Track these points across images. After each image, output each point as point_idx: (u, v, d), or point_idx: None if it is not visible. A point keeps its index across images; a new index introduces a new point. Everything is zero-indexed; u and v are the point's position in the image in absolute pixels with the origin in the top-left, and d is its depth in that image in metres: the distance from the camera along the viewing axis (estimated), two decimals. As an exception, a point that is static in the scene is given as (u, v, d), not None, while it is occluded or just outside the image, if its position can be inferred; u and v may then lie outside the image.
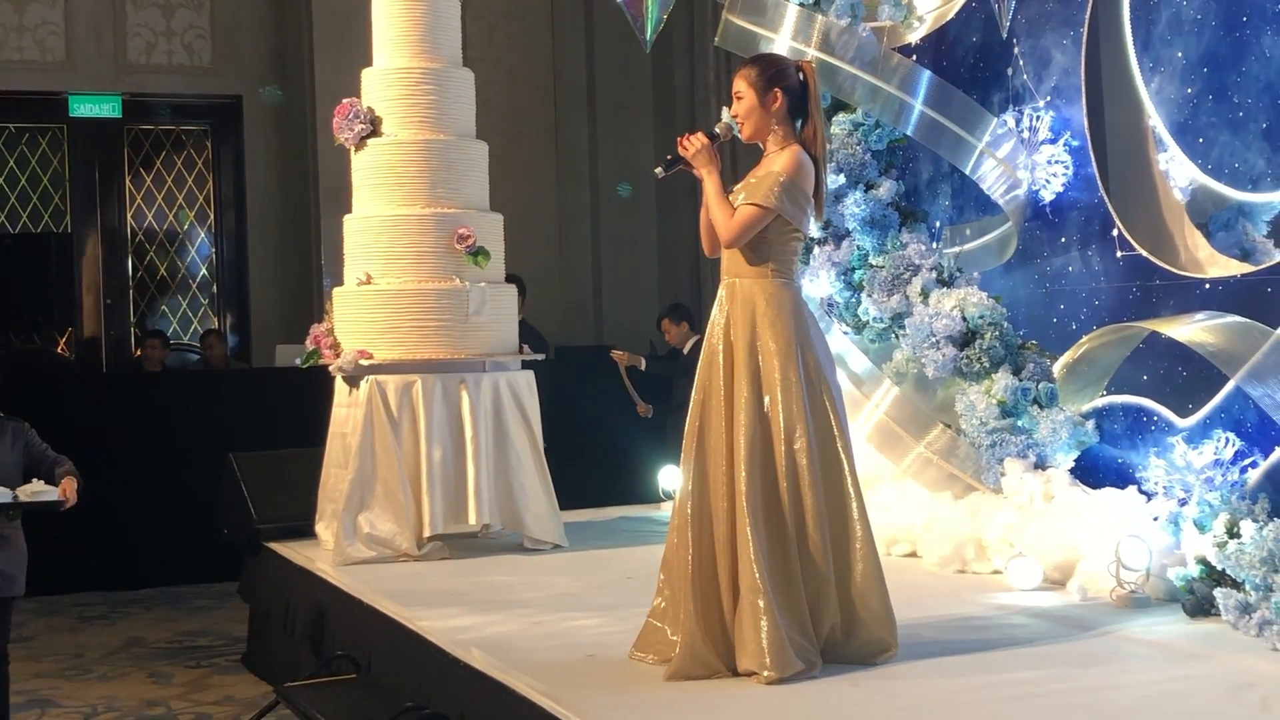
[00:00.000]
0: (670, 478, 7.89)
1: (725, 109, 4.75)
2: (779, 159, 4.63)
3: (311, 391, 7.79)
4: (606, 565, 6.63)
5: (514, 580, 6.27)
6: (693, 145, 4.63)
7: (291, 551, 6.99)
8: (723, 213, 4.59)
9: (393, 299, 6.96)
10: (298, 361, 7.38)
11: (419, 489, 6.78)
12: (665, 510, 7.89)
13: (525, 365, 7.32)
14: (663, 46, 10.85)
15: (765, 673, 4.31)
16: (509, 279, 7.40)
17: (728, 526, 4.48)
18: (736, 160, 9.10)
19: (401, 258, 6.99)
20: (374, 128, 7.16)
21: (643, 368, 9.29)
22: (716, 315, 4.66)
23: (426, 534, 6.79)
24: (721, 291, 4.69)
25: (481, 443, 6.85)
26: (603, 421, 9.65)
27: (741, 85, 4.68)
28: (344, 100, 7.21)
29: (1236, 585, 4.94)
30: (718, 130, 4.74)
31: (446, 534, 6.89)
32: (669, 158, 4.72)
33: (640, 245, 12.69)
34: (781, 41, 7.03)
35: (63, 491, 5.31)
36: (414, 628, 5.32)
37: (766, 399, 4.53)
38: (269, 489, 7.41)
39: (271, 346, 11.29)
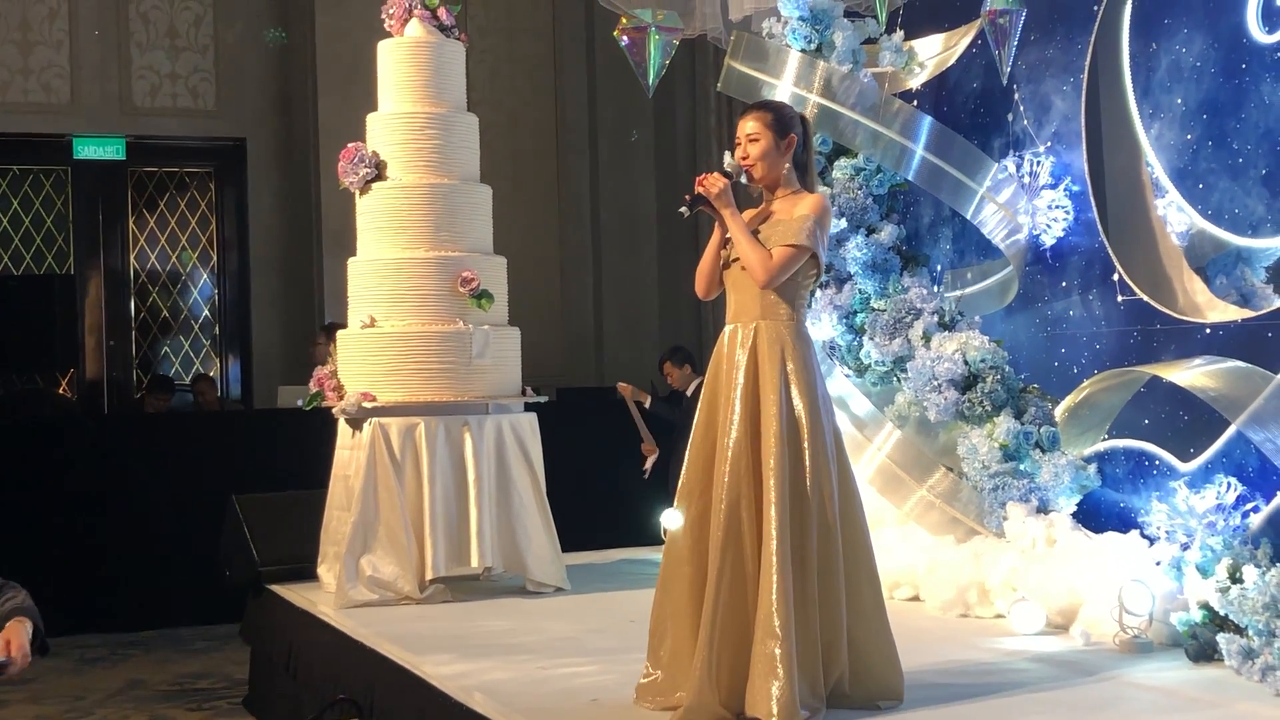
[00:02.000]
0: (671, 519, 7.88)
1: (728, 154, 4.75)
2: (805, 203, 4.64)
3: (314, 433, 7.79)
4: (608, 608, 6.62)
5: (516, 624, 6.27)
6: (715, 184, 4.59)
7: (293, 594, 6.99)
8: (757, 253, 4.56)
9: (396, 342, 6.98)
10: (300, 403, 7.40)
11: (421, 531, 6.79)
12: (668, 553, 7.90)
13: (528, 407, 7.34)
14: (665, 90, 10.90)
15: None
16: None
17: (752, 567, 4.45)
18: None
19: (405, 300, 7.02)
20: (379, 172, 7.21)
21: (647, 405, 9.29)
22: (735, 356, 4.59)
23: (429, 577, 6.78)
24: (739, 332, 4.63)
25: (484, 485, 6.86)
26: (604, 463, 9.66)
27: (757, 127, 4.67)
28: (349, 145, 7.26)
29: (1239, 630, 4.94)
30: (729, 170, 4.72)
31: (449, 576, 6.89)
32: (688, 197, 4.67)
33: (642, 287, 12.74)
34: (784, 87, 7.08)
35: (4, 649, 3.82)
36: (417, 672, 5.32)
37: (804, 443, 4.50)
38: (271, 531, 7.42)
39: (273, 388, 11.32)
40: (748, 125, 4.70)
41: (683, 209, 4.69)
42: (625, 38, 7.32)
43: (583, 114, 12.89)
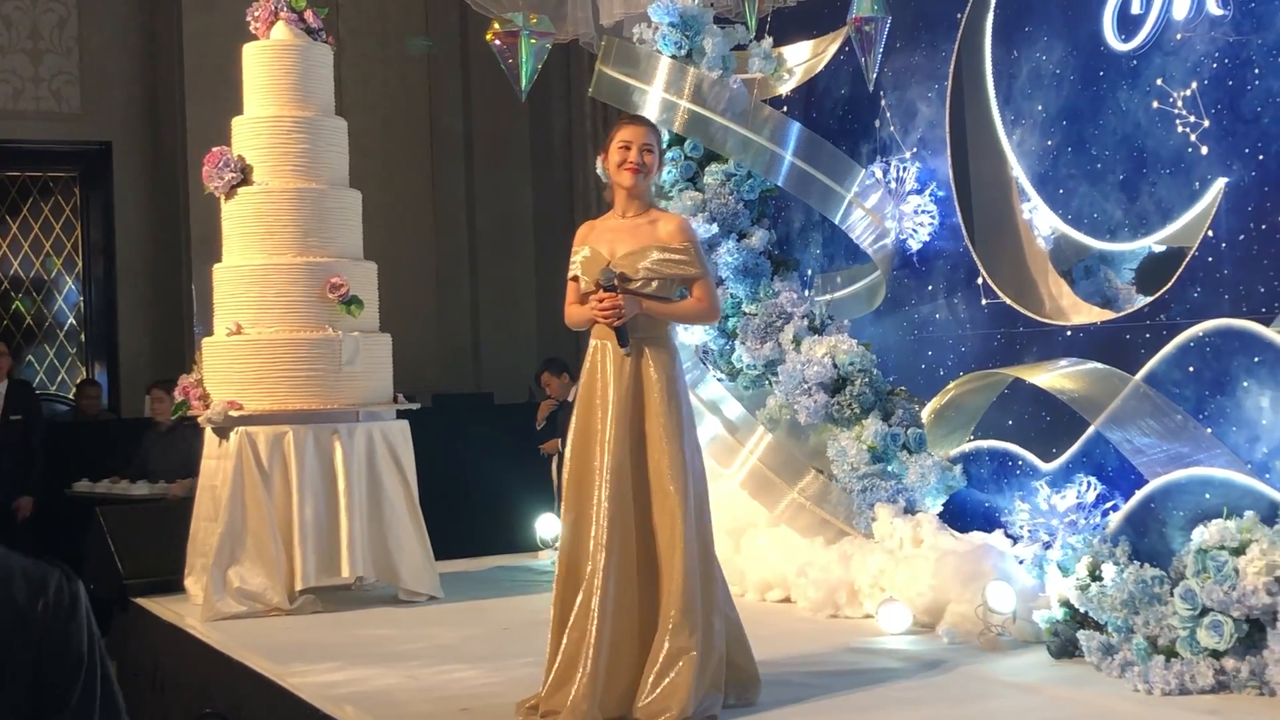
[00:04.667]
0: (548, 526, 7.87)
1: (602, 272, 4.67)
2: (676, 226, 4.74)
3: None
4: (483, 616, 6.58)
5: (389, 633, 6.21)
6: (616, 305, 4.56)
7: (160, 607, 6.85)
8: (692, 313, 4.82)
9: (263, 349, 6.88)
10: (167, 413, 7.26)
11: (290, 542, 6.69)
12: (543, 559, 7.88)
13: (400, 415, 7.27)
14: (540, 94, 10.89)
15: None
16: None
17: (635, 575, 4.50)
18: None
19: (272, 307, 6.92)
20: (245, 176, 7.10)
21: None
22: (609, 368, 4.61)
23: (298, 587, 6.69)
24: (605, 347, 4.65)
25: (355, 494, 6.79)
26: (481, 470, 9.61)
27: (653, 140, 4.77)
28: (214, 149, 7.13)
29: (1099, 627, 5.05)
30: (611, 283, 4.59)
31: (319, 587, 6.80)
32: (617, 336, 4.61)
33: (519, 293, 12.69)
34: (654, 92, 7.10)
35: None
36: (285, 684, 5.24)
37: (685, 451, 4.60)
38: (137, 543, 7.26)
39: (141, 397, 11.07)
40: (644, 135, 4.74)
41: (625, 349, 4.62)
42: (498, 41, 7.29)
43: (457, 118, 12.80)
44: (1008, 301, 6.41)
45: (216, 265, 7.24)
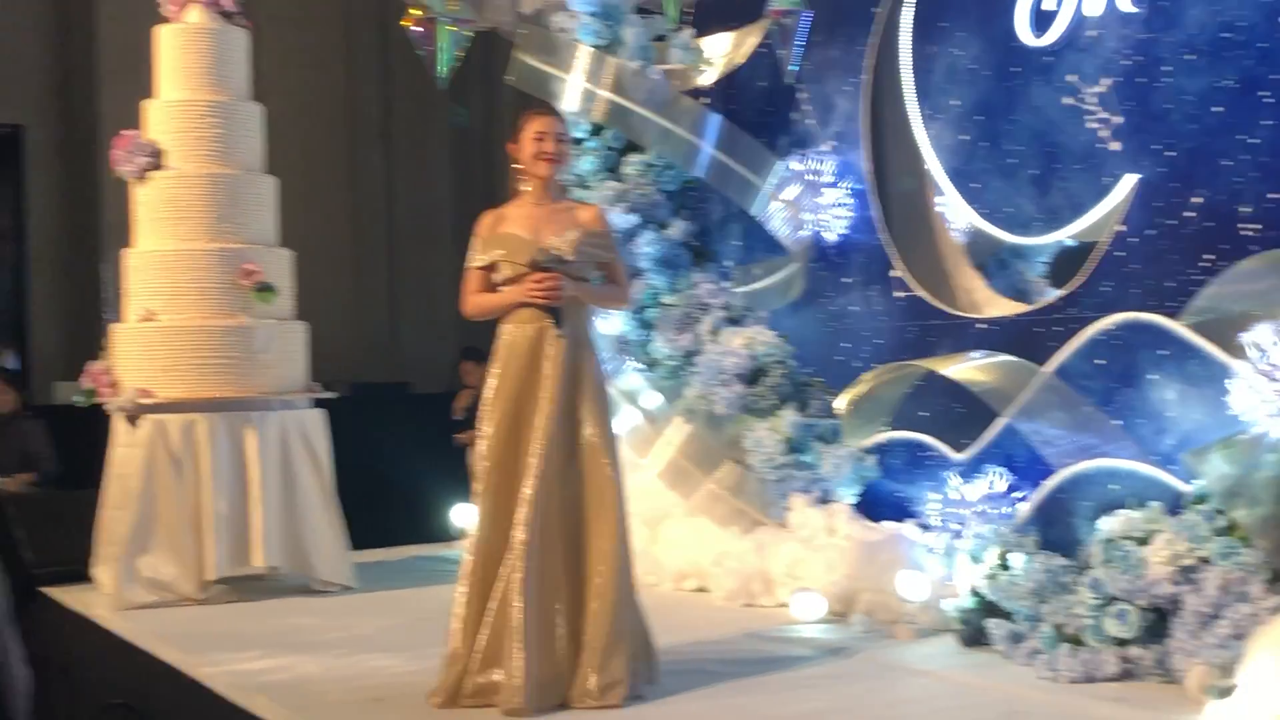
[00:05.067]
0: (464, 516, 7.84)
1: (540, 250, 4.69)
2: (594, 214, 4.88)
3: (91, 431, 7.53)
4: (398, 606, 6.55)
5: (302, 623, 6.16)
6: (556, 289, 4.62)
7: (68, 597, 6.76)
8: (613, 294, 4.91)
9: (175, 336, 6.80)
10: (76, 400, 7.14)
11: (202, 531, 6.62)
12: (458, 549, 7.84)
13: (316, 404, 7.21)
14: (460, 82, 10.82)
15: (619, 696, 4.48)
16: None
17: (564, 559, 4.56)
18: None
19: (184, 294, 6.84)
20: (157, 161, 7.00)
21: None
22: (537, 356, 4.63)
23: (210, 577, 6.62)
24: (540, 332, 4.66)
25: (268, 483, 6.73)
26: (398, 460, 9.55)
27: (564, 130, 4.83)
28: (125, 132, 7.02)
29: (1007, 615, 5.12)
30: (548, 261, 4.65)
31: (232, 577, 6.73)
32: (554, 317, 4.66)
33: (438, 281, 12.61)
34: (574, 82, 7.09)
35: None
36: (195, 675, 5.19)
37: (614, 434, 4.76)
38: (44, 532, 7.10)
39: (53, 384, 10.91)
40: (557, 124, 4.79)
41: (559, 330, 4.65)
42: (415, 28, 7.23)
43: (376, 106, 12.71)
44: (922, 294, 6.47)
45: (128, 250, 7.14)
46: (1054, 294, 6.02)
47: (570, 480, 4.61)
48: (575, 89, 7.08)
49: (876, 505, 6.35)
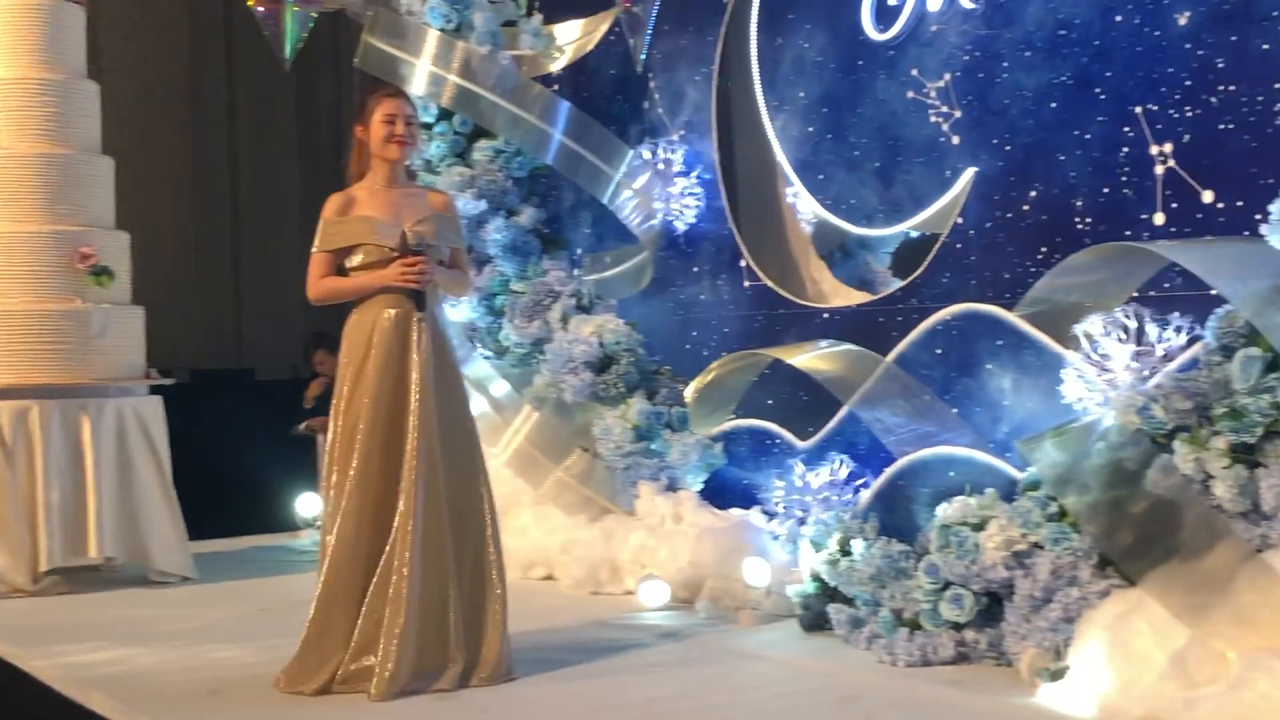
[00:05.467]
0: (309, 505, 7.74)
1: (405, 230, 4.65)
2: (445, 200, 4.90)
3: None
4: (238, 597, 6.44)
5: (139, 614, 6.02)
6: (426, 270, 4.59)
7: (-109, 589, 6.51)
8: (464, 281, 4.93)
9: (6, 320, 6.59)
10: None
11: (35, 521, 6.44)
12: (303, 539, 7.74)
13: (155, 390, 7.04)
14: (307, 64, 10.67)
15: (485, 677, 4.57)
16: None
17: (442, 538, 4.55)
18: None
19: (17, 277, 6.63)
20: (-12, 141, 6.78)
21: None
22: (398, 340, 4.58)
23: (43, 568, 6.44)
24: (401, 316, 4.60)
25: (103, 472, 6.56)
26: (240, 448, 9.36)
27: (413, 113, 4.78)
28: (-47, 109, 6.78)
29: (848, 601, 5.20)
30: (418, 246, 4.63)
31: (66, 568, 6.55)
32: (418, 300, 4.62)
33: (284, 266, 12.39)
34: (422, 66, 7.02)
35: None
36: (26, 668, 5.04)
37: (472, 424, 4.79)
38: None
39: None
40: (406, 107, 4.74)
41: (423, 313, 4.62)
42: (261, 8, 7.11)
43: (221, 86, 12.43)
44: (769, 284, 6.54)
45: (-44, 231, 6.90)
46: (896, 284, 6.13)
47: (444, 465, 4.58)
48: (423, 73, 7.01)
49: (723, 492, 6.40)
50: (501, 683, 4.57)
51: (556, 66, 7.52)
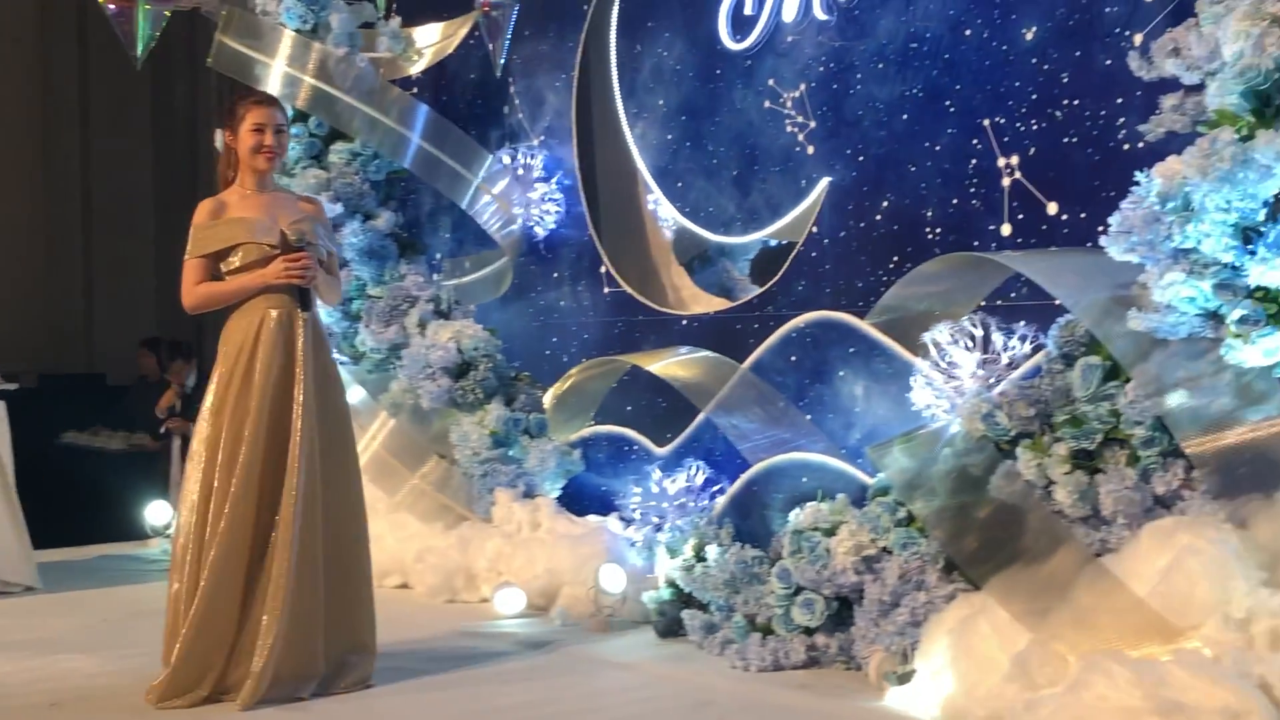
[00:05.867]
0: (159, 513, 7.57)
1: (289, 230, 4.59)
2: (316, 206, 4.87)
3: None
4: (84, 607, 6.26)
5: (-23, 626, 5.83)
6: (310, 266, 4.55)
7: None
8: (336, 286, 4.86)
9: None
10: None
11: None
12: (152, 548, 7.57)
13: (-2, 395, 6.84)
14: (162, 63, 10.46)
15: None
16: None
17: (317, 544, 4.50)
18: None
19: None
20: None
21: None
22: (280, 343, 4.51)
23: (-123, 579, 6.22)
24: (283, 318, 4.53)
25: (-59, 479, 6.35)
26: (88, 454, 9.15)
27: (283, 120, 4.73)
28: None
29: (703, 607, 5.23)
30: (301, 243, 4.58)
31: (-99, 578, 6.33)
32: (303, 300, 4.57)
33: (136, 269, 12.13)
34: (277, 67, 6.91)
35: None
36: None
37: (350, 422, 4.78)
38: None
39: None
40: (276, 116, 4.69)
41: (306, 312, 4.57)
42: (112, 6, 6.94)
43: (73, 85, 12.12)
44: (628, 290, 6.56)
45: None
46: (754, 292, 6.18)
47: (324, 470, 4.53)
48: (278, 74, 6.90)
49: (581, 499, 6.40)
50: (360, 690, 4.54)
51: (415, 69, 7.46)
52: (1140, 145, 4.37)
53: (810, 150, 5.72)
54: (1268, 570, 3.76)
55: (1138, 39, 4.54)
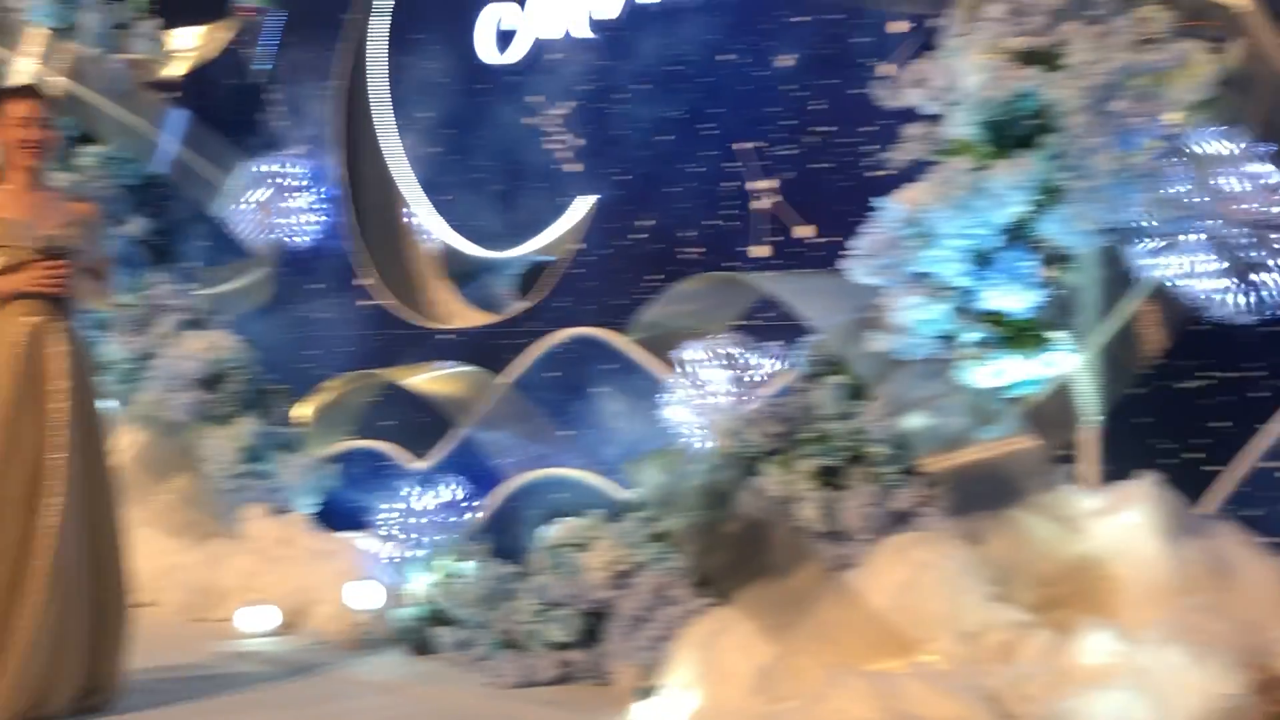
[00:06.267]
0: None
1: (51, 238, 4.41)
2: (86, 208, 4.66)
3: None
4: None
5: None
6: (68, 275, 4.39)
7: None
8: (104, 291, 4.73)
9: None
10: None
11: None
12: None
13: None
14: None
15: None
16: None
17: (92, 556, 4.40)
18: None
19: None
20: None
21: None
22: (43, 352, 4.35)
23: None
24: (40, 325, 4.36)
25: None
26: None
27: (48, 112, 4.56)
28: None
29: (457, 623, 5.18)
30: (56, 250, 4.40)
31: None
32: (58, 312, 4.41)
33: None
34: (23, 65, 6.64)
35: None
36: None
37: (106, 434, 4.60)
38: None
39: None
40: (40, 109, 4.51)
41: (63, 325, 4.42)
42: None
43: None
44: (388, 303, 6.48)
45: None
46: (519, 307, 6.18)
47: (82, 483, 4.38)
48: (24, 73, 6.62)
49: (336, 515, 6.29)
50: (110, 712, 4.41)
51: (175, 73, 7.25)
52: (887, 172, 4.50)
53: (574, 168, 5.75)
54: (999, 585, 3.90)
55: (886, 69, 4.69)
